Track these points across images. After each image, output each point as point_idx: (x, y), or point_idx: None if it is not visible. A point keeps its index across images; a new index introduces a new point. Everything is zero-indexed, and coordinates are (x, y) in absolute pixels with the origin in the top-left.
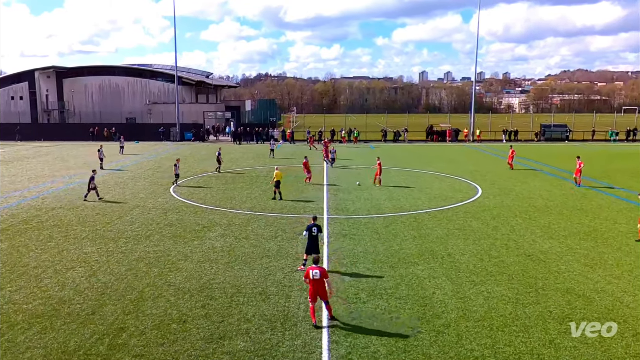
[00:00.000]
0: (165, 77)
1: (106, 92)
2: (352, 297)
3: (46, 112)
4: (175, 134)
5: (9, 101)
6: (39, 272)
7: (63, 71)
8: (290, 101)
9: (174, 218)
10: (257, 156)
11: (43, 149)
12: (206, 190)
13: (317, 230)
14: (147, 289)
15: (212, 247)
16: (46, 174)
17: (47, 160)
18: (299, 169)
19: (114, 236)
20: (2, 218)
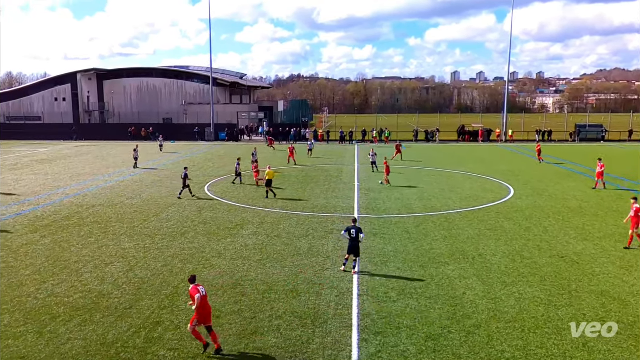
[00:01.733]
0: (201, 78)
1: (144, 93)
2: (382, 295)
3: (87, 113)
4: (209, 133)
5: (52, 102)
6: (79, 267)
7: (103, 73)
8: (322, 101)
9: (208, 216)
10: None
11: (84, 148)
12: (239, 188)
13: (355, 232)
14: (181, 285)
15: (245, 245)
16: (87, 172)
17: (88, 159)
18: (333, 168)
19: (150, 233)
20: (45, 214)
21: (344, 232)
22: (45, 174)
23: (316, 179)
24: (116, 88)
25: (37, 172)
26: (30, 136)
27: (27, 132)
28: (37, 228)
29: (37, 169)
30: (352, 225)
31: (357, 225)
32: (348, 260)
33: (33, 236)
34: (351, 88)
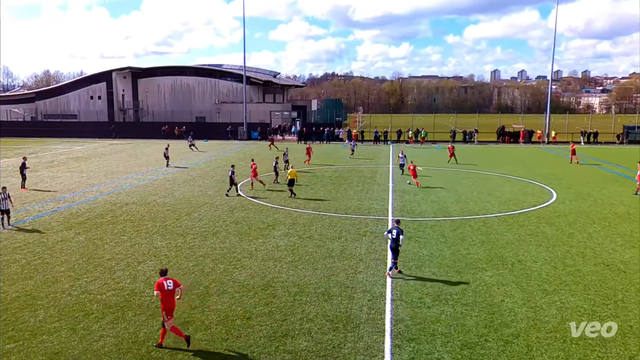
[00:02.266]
0: (234, 77)
1: (177, 92)
2: (416, 301)
3: (122, 111)
4: (242, 133)
5: (88, 100)
6: (112, 265)
7: (138, 72)
8: (357, 101)
9: (240, 216)
10: (322, 156)
11: (118, 146)
12: (271, 189)
13: (397, 234)
14: (212, 285)
15: (277, 246)
16: (120, 170)
17: (122, 158)
18: (367, 169)
19: (182, 232)
20: (80, 212)
21: (387, 232)
22: (80, 172)
23: (350, 180)
24: (150, 87)
25: (72, 169)
26: (66, 134)
27: (64, 130)
28: (72, 225)
29: (72, 167)
30: (395, 227)
31: (399, 227)
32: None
33: (68, 233)
34: (387, 87)
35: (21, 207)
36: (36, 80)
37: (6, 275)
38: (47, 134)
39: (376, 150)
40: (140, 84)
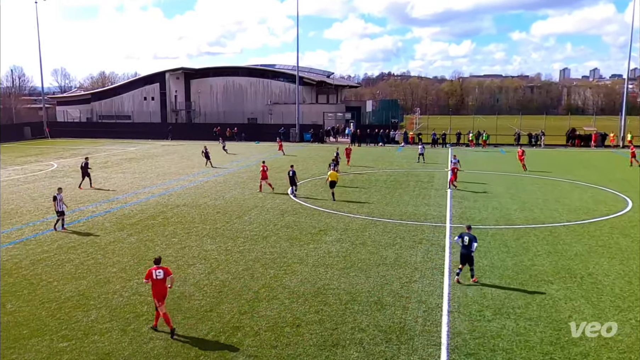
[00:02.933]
0: (287, 77)
1: (230, 93)
2: (475, 314)
3: (174, 112)
4: (294, 134)
5: (141, 101)
6: None
7: (191, 72)
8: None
9: (291, 220)
10: (377, 159)
11: (171, 147)
12: (324, 193)
13: (468, 240)
14: (262, 290)
15: (328, 252)
16: (172, 171)
17: (174, 159)
18: (424, 173)
19: (232, 235)
20: (132, 213)
21: (457, 238)
22: (133, 173)
23: (405, 185)
24: (203, 87)
25: (125, 170)
26: (120, 135)
27: (118, 130)
28: (124, 226)
29: (125, 168)
30: (466, 233)
31: (471, 233)
32: (462, 270)
33: (120, 234)
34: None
35: (76, 207)
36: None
37: (60, 275)
38: (101, 135)
39: (434, 153)
40: (193, 84)
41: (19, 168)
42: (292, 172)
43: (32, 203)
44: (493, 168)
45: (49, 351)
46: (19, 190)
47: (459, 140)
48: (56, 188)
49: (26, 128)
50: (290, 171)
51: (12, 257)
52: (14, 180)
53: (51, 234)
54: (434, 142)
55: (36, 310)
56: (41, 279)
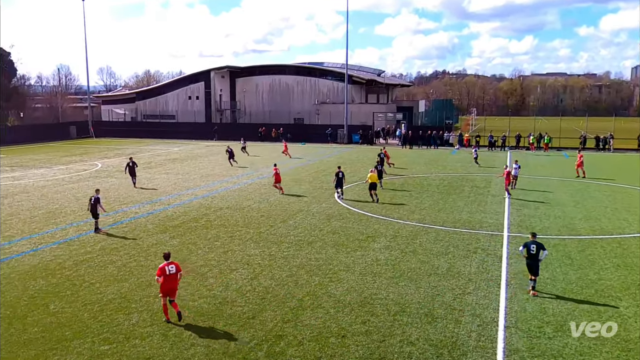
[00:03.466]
0: (335, 76)
1: (276, 92)
2: (535, 330)
3: (219, 112)
4: (342, 136)
5: (186, 100)
6: (205, 271)
7: (236, 71)
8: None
9: (338, 225)
10: (430, 162)
11: (215, 148)
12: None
13: (536, 249)
14: (306, 298)
15: (376, 259)
16: (216, 173)
17: (217, 160)
18: (480, 178)
19: (276, 240)
20: (175, 215)
21: (522, 248)
22: (176, 174)
23: (460, 190)
24: (248, 86)
25: (169, 171)
26: (164, 135)
27: (162, 130)
28: (167, 228)
29: (169, 168)
30: (532, 241)
31: (537, 241)
32: (535, 281)
33: (163, 236)
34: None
35: (119, 208)
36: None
37: (103, 276)
38: (145, 135)
39: (491, 156)
40: (238, 83)
41: (63, 167)
42: (342, 173)
43: (77, 203)
44: (555, 173)
45: (91, 354)
46: (63, 190)
47: (518, 143)
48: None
49: (72, 127)
50: (339, 172)
51: (55, 257)
52: (58, 180)
53: (94, 234)
54: (491, 144)
55: (78, 311)
56: (84, 280)
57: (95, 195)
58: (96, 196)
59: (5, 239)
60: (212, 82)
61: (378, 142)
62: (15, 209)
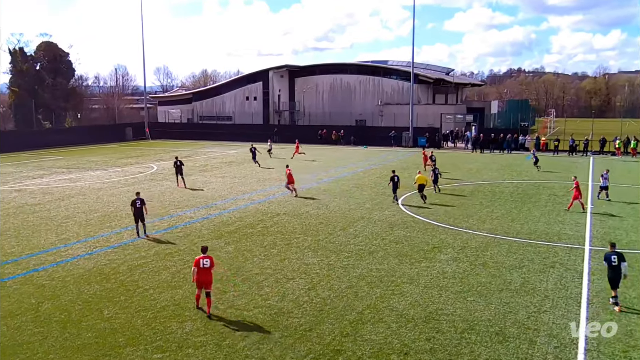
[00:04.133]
0: (400, 75)
1: (337, 92)
2: (620, 354)
3: (277, 113)
4: (407, 139)
5: (243, 101)
6: (260, 279)
7: (296, 70)
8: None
9: (401, 234)
10: (502, 168)
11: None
12: (438, 204)
13: (617, 260)
14: (367, 311)
15: (442, 272)
16: (273, 177)
17: (274, 163)
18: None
19: (336, 249)
20: (230, 220)
21: (604, 261)
22: (232, 177)
23: (536, 198)
24: (308, 86)
25: (225, 175)
26: (221, 137)
27: (218, 132)
28: (222, 234)
29: (225, 172)
30: (612, 252)
31: (617, 251)
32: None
33: (218, 242)
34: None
35: (174, 212)
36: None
37: (157, 282)
38: (201, 137)
39: (572, 162)
40: (298, 83)
41: (119, 170)
42: (397, 177)
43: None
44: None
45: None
46: (119, 193)
47: (602, 148)
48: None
49: (127, 129)
50: (394, 177)
51: (110, 261)
52: (114, 183)
53: (148, 239)
54: (572, 149)
55: (132, 318)
56: (137, 285)
57: (137, 197)
58: (139, 198)
59: (61, 242)
60: (270, 82)
61: (446, 146)
62: (72, 211)
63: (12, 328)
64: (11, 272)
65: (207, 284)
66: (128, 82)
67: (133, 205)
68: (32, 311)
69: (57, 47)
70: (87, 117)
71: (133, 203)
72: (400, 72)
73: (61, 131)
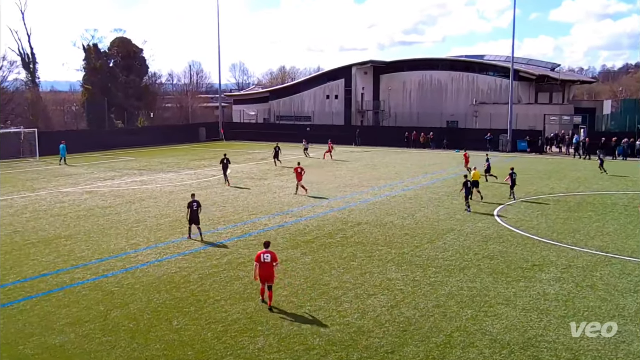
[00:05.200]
0: (498, 71)
1: (426, 90)
2: None
3: (360, 113)
4: (505, 142)
5: (323, 100)
6: (339, 294)
7: (381, 66)
8: None
9: (496, 249)
10: (615, 176)
11: (354, 154)
12: (541, 217)
13: None
14: (456, 334)
15: (543, 293)
16: (354, 183)
17: (357, 168)
18: None
19: (422, 263)
20: (308, 229)
21: None
22: (310, 183)
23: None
24: (394, 84)
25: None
26: (298, 138)
27: (296, 133)
28: (298, 244)
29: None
30: None
31: None
32: None
33: (294, 252)
34: None
35: (248, 219)
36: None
37: (228, 293)
38: (278, 138)
39: None
40: (383, 80)
41: (192, 172)
42: (469, 183)
43: (204, 211)
44: None
45: None
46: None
47: None
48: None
49: (201, 129)
50: (466, 182)
51: (180, 269)
52: (186, 186)
53: (221, 246)
54: None
55: (202, 330)
56: (208, 296)
57: (193, 199)
58: (195, 200)
59: (131, 247)
60: (353, 79)
61: (550, 151)
62: (142, 215)
63: (80, 335)
64: (81, 277)
65: (268, 277)
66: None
67: (189, 207)
68: (100, 319)
69: (130, 42)
70: (159, 116)
71: (189, 205)
72: (498, 68)
73: (133, 131)
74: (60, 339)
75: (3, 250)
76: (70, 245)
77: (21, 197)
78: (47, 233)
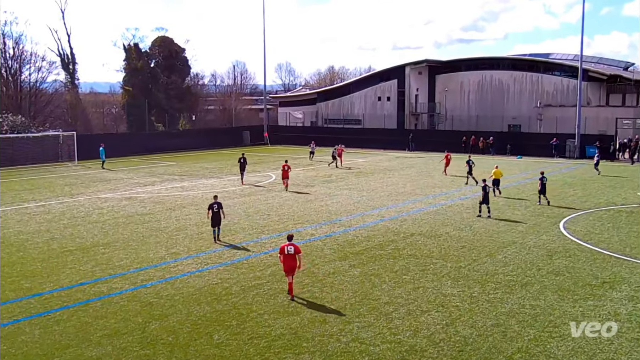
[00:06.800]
0: (565, 71)
1: (485, 92)
2: None
3: (414, 116)
4: (572, 148)
5: (375, 102)
6: (390, 310)
7: (437, 66)
8: None
9: (562, 264)
10: None
11: (407, 160)
12: (612, 230)
13: None
14: (517, 356)
15: (615, 313)
16: (407, 191)
17: (410, 175)
18: None
19: (480, 278)
20: (357, 239)
21: None
22: (360, 190)
23: None
24: (451, 85)
25: (351, 186)
26: (348, 143)
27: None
28: (346, 255)
29: (352, 183)
30: None
31: None
32: None
33: (341, 264)
34: None
35: (293, 227)
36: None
37: (272, 307)
38: (326, 142)
39: None
40: (439, 81)
41: (235, 178)
42: (488, 187)
43: (247, 220)
44: None
45: None
46: (233, 204)
47: None
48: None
49: (245, 132)
50: (485, 186)
51: (222, 280)
52: (229, 192)
53: (265, 257)
54: None
55: (244, 345)
56: (251, 309)
57: (215, 201)
58: (217, 202)
59: (171, 257)
60: (406, 79)
61: (622, 158)
62: (183, 223)
63: (118, 348)
64: (119, 287)
65: (291, 269)
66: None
67: (210, 209)
68: (138, 331)
69: (172, 42)
70: (201, 119)
71: (210, 207)
72: (565, 67)
73: (174, 134)
74: (97, 352)
75: (40, 258)
76: (109, 253)
77: (59, 203)
78: (85, 240)
